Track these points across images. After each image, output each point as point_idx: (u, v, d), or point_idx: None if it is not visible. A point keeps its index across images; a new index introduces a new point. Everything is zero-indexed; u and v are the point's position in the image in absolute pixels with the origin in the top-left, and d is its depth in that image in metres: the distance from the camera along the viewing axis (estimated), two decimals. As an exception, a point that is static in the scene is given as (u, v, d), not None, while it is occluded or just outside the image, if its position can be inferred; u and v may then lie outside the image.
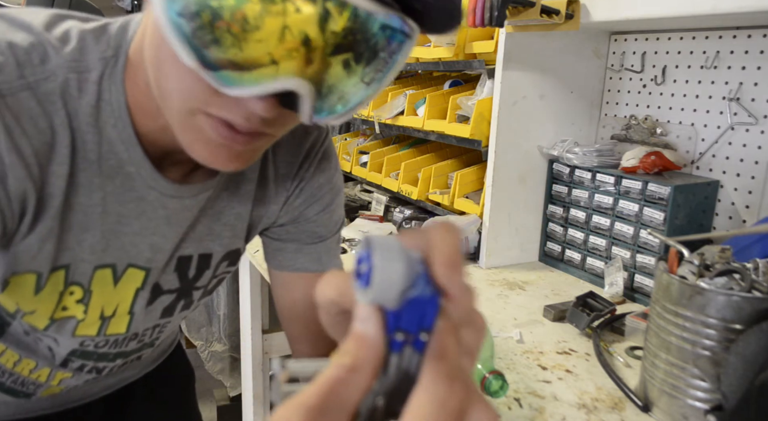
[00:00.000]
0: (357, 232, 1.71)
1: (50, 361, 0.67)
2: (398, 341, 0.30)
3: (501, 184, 1.40)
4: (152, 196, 0.59)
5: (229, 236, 0.69)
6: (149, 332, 0.72)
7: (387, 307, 0.30)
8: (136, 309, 0.65)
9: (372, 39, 0.45)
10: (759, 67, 1.14)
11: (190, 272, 0.68)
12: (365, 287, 0.30)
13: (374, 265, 0.29)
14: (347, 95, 0.48)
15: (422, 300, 0.30)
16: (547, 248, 1.47)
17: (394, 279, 0.29)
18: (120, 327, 0.66)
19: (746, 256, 0.95)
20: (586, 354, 1.00)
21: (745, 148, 1.17)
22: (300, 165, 0.70)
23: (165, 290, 0.67)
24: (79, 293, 0.60)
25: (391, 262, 0.29)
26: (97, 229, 0.57)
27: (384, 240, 0.30)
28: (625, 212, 1.24)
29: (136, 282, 0.63)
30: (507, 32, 1.29)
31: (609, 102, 1.46)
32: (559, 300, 1.20)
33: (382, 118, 1.84)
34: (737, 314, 0.72)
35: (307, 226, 0.73)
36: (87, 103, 0.53)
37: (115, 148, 0.55)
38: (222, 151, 0.50)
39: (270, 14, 0.41)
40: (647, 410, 0.83)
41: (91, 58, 0.53)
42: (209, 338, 2.50)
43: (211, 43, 0.42)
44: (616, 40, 1.42)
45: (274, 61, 0.43)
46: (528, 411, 0.83)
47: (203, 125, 0.48)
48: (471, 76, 1.81)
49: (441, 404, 0.27)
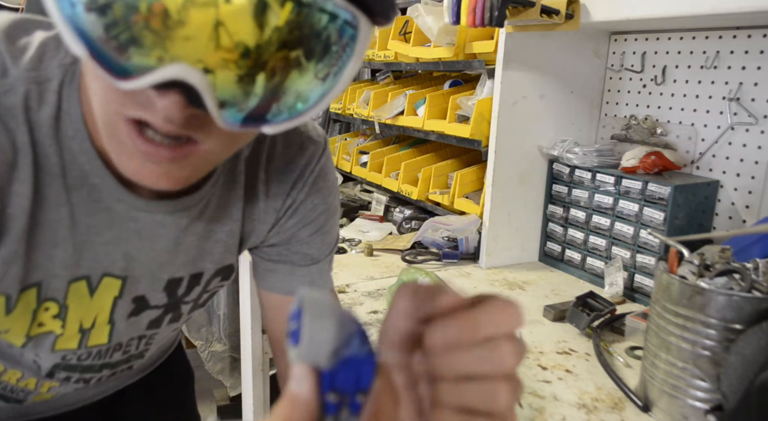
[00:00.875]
0: (357, 232, 1.71)
1: (36, 372, 0.66)
2: (332, 403, 0.30)
3: (501, 184, 1.40)
4: (120, 208, 0.56)
5: (221, 252, 0.67)
6: (135, 342, 0.70)
7: (320, 366, 0.29)
8: (116, 318, 0.64)
9: (323, 32, 0.41)
10: (759, 67, 1.14)
11: (180, 290, 0.66)
12: (295, 344, 0.29)
13: (303, 323, 0.29)
14: (304, 93, 0.44)
15: (357, 360, 0.30)
16: (547, 248, 1.47)
17: (324, 338, 0.29)
18: (101, 338, 0.64)
19: (746, 256, 0.95)
20: (586, 354, 1.00)
21: (745, 148, 1.17)
22: (293, 184, 0.67)
23: (152, 306, 0.65)
24: (55, 308, 0.58)
25: (321, 320, 0.29)
26: (68, 242, 0.55)
27: (316, 298, 0.30)
28: (625, 212, 1.24)
29: (113, 291, 0.61)
30: (507, 32, 1.29)
31: (609, 102, 1.46)
32: (559, 300, 1.20)
33: (382, 118, 1.84)
34: (737, 314, 0.72)
35: (299, 248, 0.70)
36: (47, 114, 0.50)
37: (77, 159, 0.53)
38: (148, 167, 0.46)
39: (196, 6, 0.37)
40: (647, 410, 0.83)
41: (50, 65, 0.50)
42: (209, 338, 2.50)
43: (129, 42, 0.38)
44: (616, 40, 1.42)
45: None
46: (528, 411, 0.83)
47: (123, 135, 0.44)
48: (471, 76, 1.81)
49: None
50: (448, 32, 1.54)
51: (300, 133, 0.68)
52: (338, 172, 2.21)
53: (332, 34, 0.42)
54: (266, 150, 0.66)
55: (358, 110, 2.05)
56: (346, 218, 1.84)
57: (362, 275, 1.37)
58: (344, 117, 2.22)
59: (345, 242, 1.62)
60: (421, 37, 1.70)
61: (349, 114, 2.14)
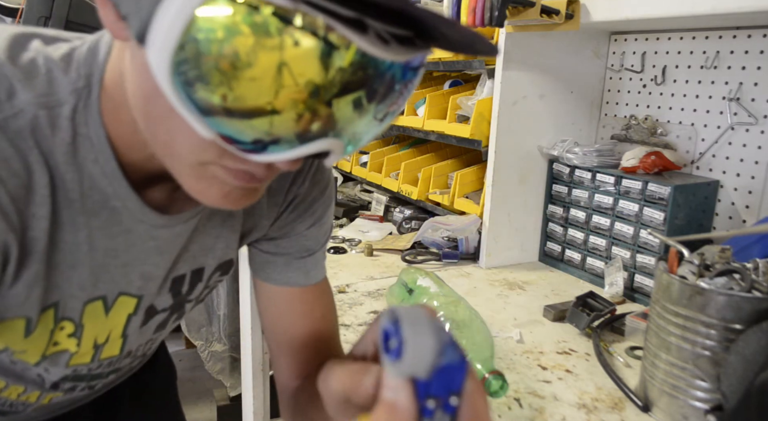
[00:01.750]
0: (357, 232, 1.71)
1: (40, 385, 0.65)
2: (429, 409, 0.31)
3: (501, 184, 1.40)
4: (141, 229, 0.56)
5: (222, 248, 0.67)
6: (142, 347, 0.71)
7: (418, 378, 0.31)
8: (129, 332, 0.64)
9: (387, 73, 0.40)
10: (759, 67, 1.14)
11: (184, 288, 0.67)
12: (395, 360, 0.30)
13: (405, 340, 0.30)
14: (359, 134, 0.44)
15: (452, 367, 0.31)
16: (547, 248, 1.47)
17: (426, 352, 0.30)
18: (113, 350, 0.65)
19: (746, 256, 0.95)
20: (586, 354, 1.00)
21: (745, 148, 1.17)
22: (293, 180, 0.68)
23: (159, 310, 0.66)
24: (70, 327, 0.58)
25: (422, 336, 0.30)
26: (86, 265, 0.55)
27: (411, 312, 0.31)
28: (625, 212, 1.24)
29: (128, 309, 0.61)
30: (507, 32, 1.29)
31: (609, 102, 1.46)
32: (559, 300, 1.20)
33: (382, 118, 1.84)
34: (737, 314, 0.72)
35: (298, 240, 0.71)
36: (62, 141, 0.49)
37: (97, 183, 0.52)
38: (237, 193, 0.48)
39: (264, 49, 0.37)
40: (647, 410, 0.83)
41: (61, 90, 0.49)
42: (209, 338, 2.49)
43: (196, 80, 0.38)
44: (616, 40, 1.42)
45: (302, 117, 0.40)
46: (528, 411, 0.83)
47: (218, 174, 0.46)
48: (471, 76, 1.81)
49: None
50: (448, 32, 1.54)
51: None
52: (338, 172, 2.21)
53: (396, 74, 0.41)
54: None
55: (358, 110, 2.04)
56: (346, 218, 1.84)
57: (362, 275, 1.37)
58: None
59: (345, 242, 1.62)
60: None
61: (349, 114, 2.14)
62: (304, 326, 0.72)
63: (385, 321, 0.31)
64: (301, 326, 0.72)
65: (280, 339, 0.73)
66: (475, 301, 1.17)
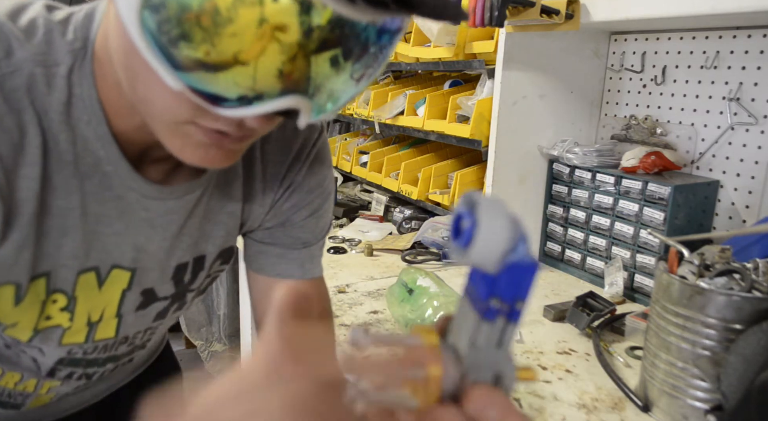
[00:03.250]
0: (357, 232, 1.71)
1: (36, 372, 0.65)
2: (493, 309, 0.29)
3: (501, 184, 1.40)
4: (132, 197, 0.57)
5: (223, 235, 0.67)
6: (140, 335, 0.70)
7: (485, 270, 0.28)
8: (123, 312, 0.63)
9: (362, 33, 0.41)
10: (759, 67, 1.14)
11: (186, 277, 0.66)
12: (465, 246, 0.27)
13: (479, 222, 0.27)
14: (336, 93, 0.45)
15: (521, 267, 0.28)
16: (547, 248, 1.47)
17: (498, 239, 0.27)
18: (108, 331, 0.64)
19: (746, 256, 0.95)
20: (586, 354, 1.00)
21: (745, 148, 1.17)
22: (289, 166, 0.68)
23: (160, 298, 0.66)
24: (63, 300, 0.58)
25: (498, 219, 0.27)
26: (77, 232, 0.54)
27: (490, 200, 0.27)
28: (625, 212, 1.24)
29: (121, 283, 0.61)
30: (507, 32, 1.29)
31: (609, 102, 1.46)
32: (559, 300, 1.20)
33: (382, 118, 1.84)
34: (737, 314, 0.72)
35: (293, 231, 0.71)
36: (57, 100, 0.50)
37: (90, 146, 0.52)
38: (213, 152, 0.49)
39: (244, 5, 0.38)
40: (647, 410, 0.83)
41: (59, 50, 0.50)
42: (209, 338, 2.50)
43: (164, 30, 0.39)
44: (616, 40, 1.42)
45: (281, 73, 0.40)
46: (528, 411, 0.83)
47: (192, 133, 0.47)
48: (471, 76, 1.81)
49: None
50: (448, 32, 1.54)
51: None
52: (338, 172, 2.21)
53: (372, 36, 0.42)
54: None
55: (358, 110, 2.05)
56: (346, 217, 1.84)
57: (362, 275, 1.37)
58: (344, 117, 2.22)
59: (345, 242, 1.62)
60: (421, 37, 1.70)
61: (349, 114, 2.14)
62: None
63: (461, 204, 0.28)
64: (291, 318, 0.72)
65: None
66: (475, 301, 1.17)
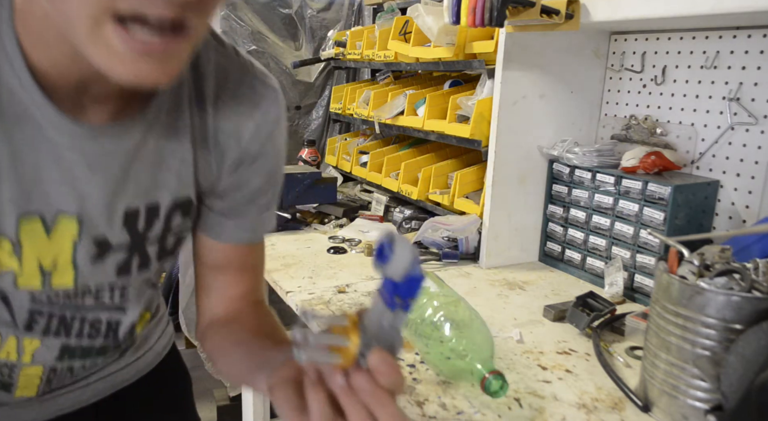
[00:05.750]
0: (357, 232, 1.71)
1: (12, 326, 0.65)
2: (395, 303, 0.46)
3: (501, 184, 1.40)
4: (64, 141, 0.56)
5: (175, 182, 0.66)
6: (107, 292, 0.69)
7: (393, 279, 0.45)
8: (78, 261, 0.63)
9: None
10: (759, 67, 1.14)
11: (139, 224, 0.65)
12: (383, 263, 0.44)
13: (395, 251, 0.44)
14: None
15: (415, 278, 0.45)
16: (547, 248, 1.47)
17: (404, 262, 0.44)
18: (66, 279, 0.64)
19: (746, 256, 0.95)
20: (586, 354, 1.00)
21: (745, 148, 1.17)
22: (248, 132, 0.68)
23: (115, 246, 0.65)
24: (8, 245, 0.58)
25: (406, 251, 0.44)
26: (12, 179, 0.55)
27: (402, 238, 0.45)
28: (625, 212, 1.24)
29: (71, 232, 0.61)
30: (507, 32, 1.29)
31: (609, 102, 1.46)
32: (559, 300, 1.20)
33: (382, 118, 1.84)
34: (737, 314, 0.72)
35: (250, 197, 0.72)
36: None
37: (16, 93, 0.52)
38: (143, 66, 0.45)
39: None
40: (647, 410, 0.83)
41: None
42: (209, 338, 2.49)
43: None
44: (616, 40, 1.42)
45: None
46: (528, 411, 0.83)
47: (111, 38, 0.44)
48: (471, 76, 1.81)
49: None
50: (448, 32, 1.54)
51: (248, 71, 0.69)
52: (338, 172, 2.21)
53: None
54: (212, 81, 0.66)
55: (358, 110, 2.05)
56: (346, 217, 1.84)
57: (362, 274, 1.37)
58: (344, 117, 2.22)
59: (345, 242, 1.62)
60: (421, 37, 1.70)
61: (349, 114, 2.14)
62: (239, 276, 0.77)
63: (383, 237, 0.45)
64: (235, 275, 0.77)
65: (210, 280, 0.77)
66: (475, 301, 1.17)
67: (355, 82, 2.44)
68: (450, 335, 0.85)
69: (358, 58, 2.10)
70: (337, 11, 2.57)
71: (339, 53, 2.26)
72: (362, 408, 0.47)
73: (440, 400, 0.85)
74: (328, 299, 1.21)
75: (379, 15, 2.00)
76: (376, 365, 0.47)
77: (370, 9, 2.46)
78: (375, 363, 0.47)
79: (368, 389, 0.47)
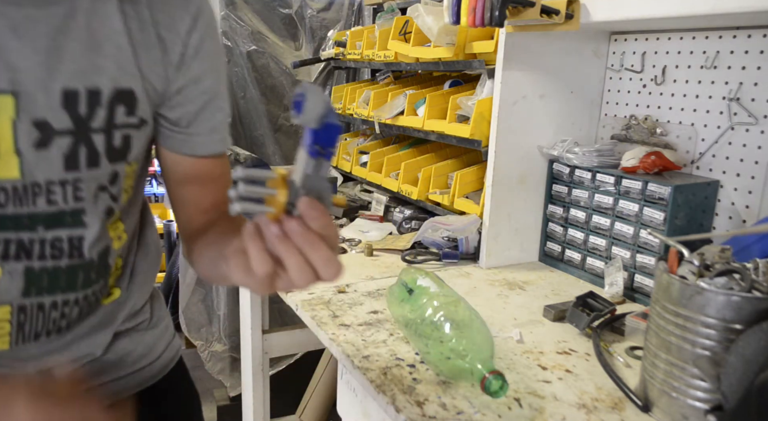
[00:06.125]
0: (357, 232, 1.71)
1: None
2: (316, 150, 0.51)
3: (501, 184, 1.40)
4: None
5: (115, 69, 0.66)
6: (58, 188, 0.66)
7: (311, 127, 0.49)
8: (21, 147, 0.61)
9: None
10: (759, 67, 1.14)
11: (80, 108, 0.64)
12: (300, 113, 0.49)
13: (307, 99, 0.48)
14: None
15: (332, 126, 0.50)
16: (547, 248, 1.47)
17: (317, 108, 0.48)
18: (11, 170, 0.62)
19: (746, 256, 0.95)
20: (586, 354, 1.00)
21: (745, 148, 1.17)
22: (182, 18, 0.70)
23: (57, 130, 0.63)
24: None
25: (318, 98, 0.48)
26: None
27: (315, 89, 0.49)
28: (625, 212, 1.24)
29: (7, 111, 0.60)
30: (507, 32, 1.29)
31: (609, 102, 1.46)
32: (559, 300, 1.20)
33: (382, 118, 1.84)
34: (737, 314, 0.72)
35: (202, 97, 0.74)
36: None
37: None
38: None
39: None
40: (647, 410, 0.83)
41: None
42: (209, 338, 2.49)
43: None
44: (616, 40, 1.42)
45: None
46: (528, 411, 0.83)
47: None
48: (471, 76, 1.81)
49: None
50: (448, 32, 1.54)
51: None
52: (338, 172, 2.21)
53: None
54: None
55: (358, 110, 2.05)
56: (346, 217, 1.84)
57: (362, 274, 1.37)
58: (344, 117, 2.21)
59: (345, 242, 1.62)
60: (421, 37, 1.70)
61: (349, 114, 2.14)
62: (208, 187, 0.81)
63: (299, 90, 0.48)
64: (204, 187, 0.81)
65: (183, 198, 0.81)
66: (475, 301, 1.17)
67: (355, 82, 2.44)
68: (450, 335, 0.85)
69: (358, 58, 2.10)
70: (337, 11, 2.57)
71: (339, 53, 2.26)
72: (296, 252, 0.51)
73: (440, 400, 0.85)
74: (328, 299, 1.21)
75: (379, 15, 2.00)
76: (304, 210, 0.51)
77: (370, 9, 2.46)
78: (303, 208, 0.51)
79: (299, 231, 0.50)
